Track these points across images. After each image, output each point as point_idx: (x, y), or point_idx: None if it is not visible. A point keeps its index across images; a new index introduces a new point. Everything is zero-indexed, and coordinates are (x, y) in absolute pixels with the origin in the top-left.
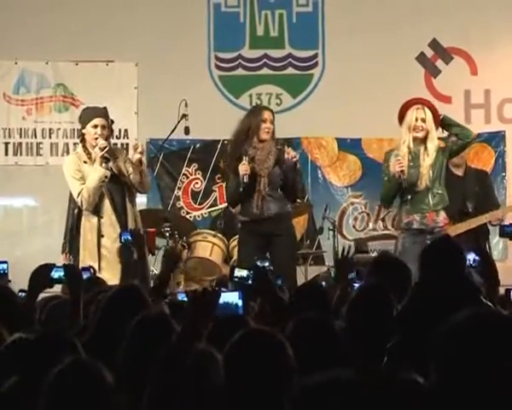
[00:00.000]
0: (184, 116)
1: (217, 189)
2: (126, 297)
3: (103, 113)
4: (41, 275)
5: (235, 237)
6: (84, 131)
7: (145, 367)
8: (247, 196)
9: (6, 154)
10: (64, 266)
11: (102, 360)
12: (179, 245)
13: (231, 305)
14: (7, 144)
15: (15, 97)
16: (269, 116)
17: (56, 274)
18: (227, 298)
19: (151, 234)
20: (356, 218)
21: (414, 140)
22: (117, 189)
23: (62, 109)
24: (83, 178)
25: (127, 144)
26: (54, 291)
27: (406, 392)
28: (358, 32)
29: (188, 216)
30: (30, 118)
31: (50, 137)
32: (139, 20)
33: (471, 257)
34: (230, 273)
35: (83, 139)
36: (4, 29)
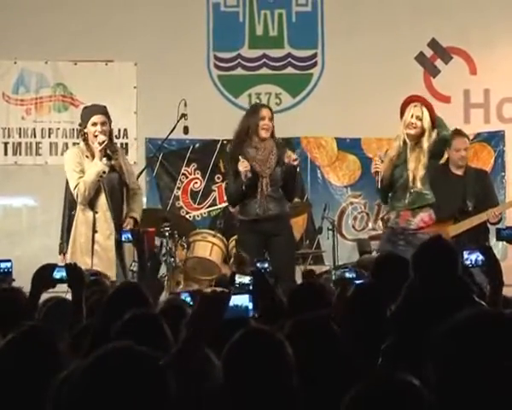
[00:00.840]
0: (183, 116)
1: (216, 188)
2: (126, 296)
3: (102, 110)
4: (43, 275)
5: (234, 237)
6: (86, 130)
7: None
8: (249, 196)
9: (5, 153)
10: (66, 267)
11: None
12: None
13: (241, 308)
14: (6, 144)
15: (15, 97)
16: (267, 114)
17: (58, 274)
18: (237, 301)
19: (150, 234)
20: (355, 217)
21: (407, 136)
22: (116, 186)
23: (62, 109)
24: (82, 171)
25: (126, 144)
26: (56, 291)
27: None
28: (358, 32)
29: (187, 216)
30: (29, 117)
31: (50, 136)
32: (138, 20)
33: (476, 256)
34: (231, 279)
35: (85, 138)
36: (4, 29)
